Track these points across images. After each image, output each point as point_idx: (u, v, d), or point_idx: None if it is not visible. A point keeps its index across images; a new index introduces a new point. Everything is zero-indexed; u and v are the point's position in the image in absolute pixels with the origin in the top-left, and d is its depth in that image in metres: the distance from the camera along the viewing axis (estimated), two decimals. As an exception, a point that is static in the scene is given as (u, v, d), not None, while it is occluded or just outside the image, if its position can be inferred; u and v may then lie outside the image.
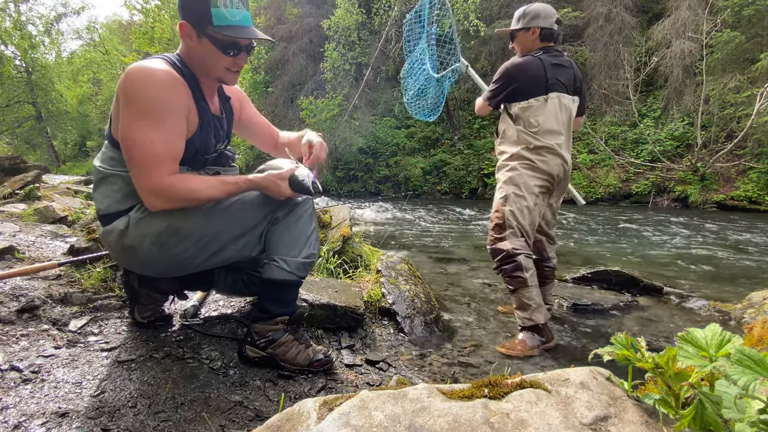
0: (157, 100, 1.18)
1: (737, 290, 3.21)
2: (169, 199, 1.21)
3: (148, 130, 1.17)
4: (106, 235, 1.30)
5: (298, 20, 18.65)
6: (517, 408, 0.67)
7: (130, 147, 1.18)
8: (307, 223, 1.40)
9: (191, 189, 1.22)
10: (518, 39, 2.23)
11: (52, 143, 28.44)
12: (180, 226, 1.25)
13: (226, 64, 1.30)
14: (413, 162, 15.14)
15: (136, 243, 1.25)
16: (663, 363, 0.68)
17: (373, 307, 2.04)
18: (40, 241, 2.52)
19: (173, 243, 1.26)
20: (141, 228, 1.24)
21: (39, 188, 4.44)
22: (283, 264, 1.34)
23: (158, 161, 1.18)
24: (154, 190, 1.19)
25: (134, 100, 1.18)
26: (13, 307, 1.50)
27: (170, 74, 1.22)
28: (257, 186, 1.31)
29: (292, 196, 1.33)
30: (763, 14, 10.44)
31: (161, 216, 1.24)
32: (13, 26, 23.22)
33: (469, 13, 13.37)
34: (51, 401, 1.10)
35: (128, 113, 1.18)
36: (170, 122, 1.21)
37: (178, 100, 1.23)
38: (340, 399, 0.71)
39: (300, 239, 1.37)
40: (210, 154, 1.39)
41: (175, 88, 1.22)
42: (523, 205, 2.12)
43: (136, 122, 1.17)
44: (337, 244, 2.55)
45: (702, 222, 7.14)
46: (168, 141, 1.21)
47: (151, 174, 1.18)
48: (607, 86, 12.91)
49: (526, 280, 2.02)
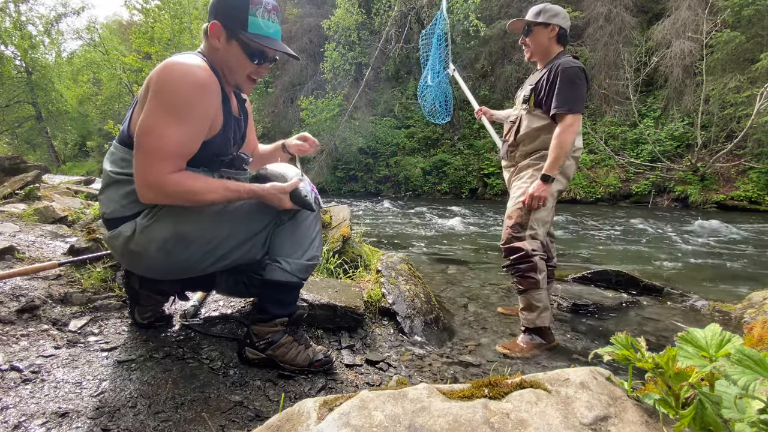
0: (190, 100, 1.17)
1: (737, 290, 3.21)
2: (165, 194, 1.19)
3: (169, 124, 1.15)
4: (111, 239, 1.29)
5: (298, 20, 18.66)
6: (517, 408, 0.67)
7: (143, 134, 1.16)
8: (312, 226, 1.40)
9: (191, 190, 1.20)
10: (535, 34, 2.13)
11: (52, 143, 28.46)
12: (186, 232, 1.25)
13: (250, 71, 1.31)
14: (413, 162, 15.16)
15: (141, 249, 1.24)
16: (663, 363, 0.68)
17: (373, 307, 2.04)
18: (40, 241, 2.52)
19: (179, 249, 1.26)
20: (148, 234, 1.23)
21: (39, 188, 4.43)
22: (285, 265, 1.34)
23: (165, 157, 1.16)
24: (152, 183, 1.17)
25: (166, 94, 1.15)
26: (13, 307, 1.50)
27: (208, 74, 1.20)
28: (259, 197, 1.30)
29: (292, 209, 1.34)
30: (763, 14, 10.45)
31: (168, 223, 1.23)
32: (13, 26, 23.23)
33: (469, 13, 13.37)
34: (51, 401, 1.10)
35: (155, 103, 1.16)
36: (194, 123, 1.20)
37: (210, 102, 1.22)
38: (340, 399, 0.71)
39: (303, 242, 1.37)
40: (226, 156, 1.38)
41: (210, 90, 1.21)
42: (548, 207, 2.09)
43: (160, 113, 1.15)
44: (337, 244, 2.55)
45: (702, 222, 7.14)
46: (184, 142, 1.19)
47: (153, 167, 1.16)
48: (607, 86, 12.91)
49: (539, 282, 2.01)
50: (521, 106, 2.22)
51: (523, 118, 2.18)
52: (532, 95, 2.14)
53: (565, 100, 1.96)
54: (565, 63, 1.99)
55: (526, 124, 2.16)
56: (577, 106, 1.96)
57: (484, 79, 15.27)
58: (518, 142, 2.21)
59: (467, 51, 14.86)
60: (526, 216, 2.07)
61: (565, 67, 1.98)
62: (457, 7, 13.61)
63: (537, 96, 2.10)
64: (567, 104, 1.96)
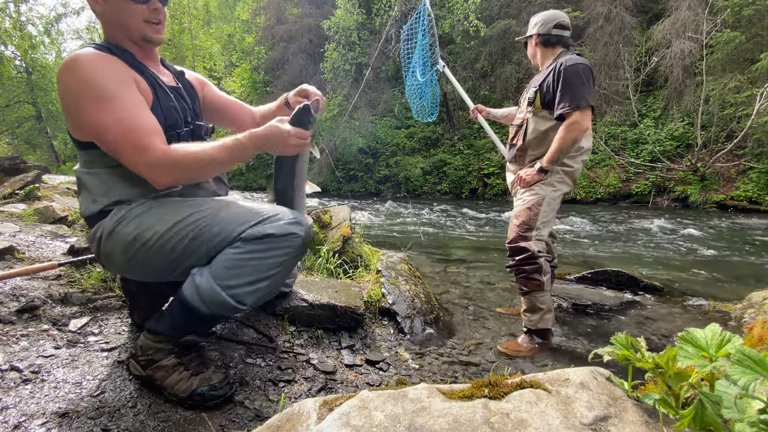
0: (98, 79, 1.10)
1: (737, 290, 3.21)
2: (174, 167, 1.13)
3: (108, 111, 1.09)
4: (89, 241, 1.26)
5: (298, 20, 18.67)
6: (517, 408, 0.67)
7: (103, 135, 1.11)
8: (276, 262, 1.16)
9: (191, 152, 1.13)
10: (527, 48, 2.28)
11: (52, 143, 28.47)
12: (147, 237, 1.15)
13: (142, 15, 1.20)
14: (413, 162, 15.16)
15: (110, 252, 1.20)
16: (663, 363, 0.67)
17: (373, 307, 2.04)
18: (40, 241, 2.52)
19: (141, 255, 1.17)
20: (113, 237, 1.17)
21: (39, 188, 4.44)
22: (199, 281, 1.12)
23: (139, 133, 1.11)
24: (153, 162, 1.11)
25: (78, 92, 1.11)
26: (13, 307, 1.50)
27: (97, 54, 1.14)
28: (259, 139, 1.17)
29: (298, 139, 1.19)
30: (763, 14, 10.44)
31: (129, 227, 1.15)
32: (13, 26, 23.26)
33: (469, 13, 13.37)
34: (51, 401, 1.10)
35: (80, 107, 1.11)
36: (123, 94, 1.12)
37: (116, 72, 1.14)
38: (340, 399, 0.71)
39: (250, 272, 1.13)
40: (181, 128, 1.28)
41: (107, 64, 1.14)
42: (554, 209, 2.10)
43: (93, 110, 1.10)
44: (337, 244, 2.55)
45: (702, 222, 7.14)
46: (135, 113, 1.12)
47: (139, 148, 1.10)
48: (607, 86, 12.91)
49: (543, 284, 2.00)
50: (526, 108, 2.18)
51: (530, 121, 2.14)
52: (537, 96, 2.10)
53: (570, 98, 1.94)
54: (567, 61, 1.98)
55: (534, 127, 2.12)
56: (582, 102, 1.92)
57: (484, 79, 15.27)
58: (527, 146, 2.17)
59: (467, 51, 14.86)
60: (534, 216, 2.06)
61: (567, 65, 1.96)
62: (457, 7, 13.61)
63: (543, 97, 2.08)
64: (573, 102, 1.93)
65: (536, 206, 2.06)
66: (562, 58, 2.03)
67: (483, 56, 14.77)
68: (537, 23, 2.16)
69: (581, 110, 1.91)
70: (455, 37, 14.23)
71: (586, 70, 1.96)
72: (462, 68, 14.71)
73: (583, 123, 1.93)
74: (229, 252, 1.13)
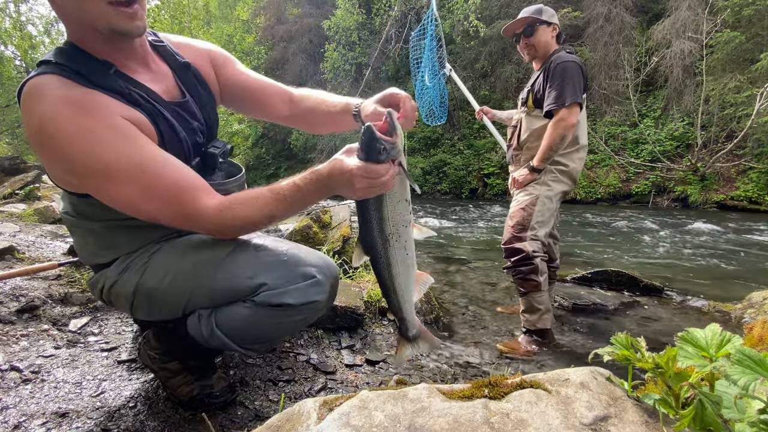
0: (91, 150, 0.86)
1: (737, 290, 3.21)
2: (232, 230, 1.01)
3: (125, 184, 0.90)
4: (91, 288, 1.18)
5: (298, 20, 18.68)
6: (517, 408, 0.67)
7: (135, 211, 0.95)
8: (291, 328, 1.07)
9: (249, 217, 0.97)
10: (539, 32, 2.11)
11: (52, 143, 28.40)
12: (149, 287, 1.05)
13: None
14: (413, 162, 15.15)
15: (113, 300, 1.13)
16: (663, 363, 0.67)
17: (373, 307, 2.04)
18: (40, 241, 2.52)
19: (144, 304, 1.09)
20: (114, 289, 1.09)
21: (39, 188, 4.44)
22: (206, 330, 1.03)
23: (179, 198, 0.93)
24: (209, 228, 0.99)
25: (72, 164, 0.88)
26: (13, 307, 1.50)
27: (65, 96, 0.87)
28: (324, 180, 0.93)
29: (367, 179, 0.87)
30: (763, 14, 10.45)
31: (132, 280, 1.06)
32: (13, 26, 23.25)
33: (469, 13, 13.37)
34: (51, 401, 1.10)
35: (85, 181, 0.92)
36: (130, 150, 0.90)
37: (105, 120, 0.89)
38: (340, 399, 0.71)
39: (261, 333, 1.06)
40: (190, 161, 1.05)
41: (88, 112, 0.87)
42: (550, 208, 2.09)
43: (104, 187, 0.91)
44: (337, 244, 2.55)
45: (702, 222, 7.14)
46: (159, 174, 0.91)
47: (188, 216, 0.95)
48: (607, 86, 12.91)
49: (540, 284, 2.00)
50: (521, 109, 2.23)
51: (523, 120, 2.18)
52: (529, 96, 2.14)
53: (556, 95, 1.95)
54: (557, 58, 2.01)
55: (527, 126, 2.16)
56: (569, 99, 1.92)
57: (484, 79, 15.27)
58: (522, 145, 2.21)
59: (467, 51, 14.86)
60: (528, 216, 2.07)
61: (558, 62, 1.99)
62: (457, 8, 13.62)
63: (535, 96, 2.10)
64: (559, 100, 1.94)
65: (530, 206, 2.07)
66: (554, 56, 2.05)
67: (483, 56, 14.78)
68: (554, 14, 2.13)
69: (567, 107, 1.92)
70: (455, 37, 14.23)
71: (575, 67, 1.97)
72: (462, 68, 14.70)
73: (569, 119, 1.93)
74: (240, 310, 1.02)
